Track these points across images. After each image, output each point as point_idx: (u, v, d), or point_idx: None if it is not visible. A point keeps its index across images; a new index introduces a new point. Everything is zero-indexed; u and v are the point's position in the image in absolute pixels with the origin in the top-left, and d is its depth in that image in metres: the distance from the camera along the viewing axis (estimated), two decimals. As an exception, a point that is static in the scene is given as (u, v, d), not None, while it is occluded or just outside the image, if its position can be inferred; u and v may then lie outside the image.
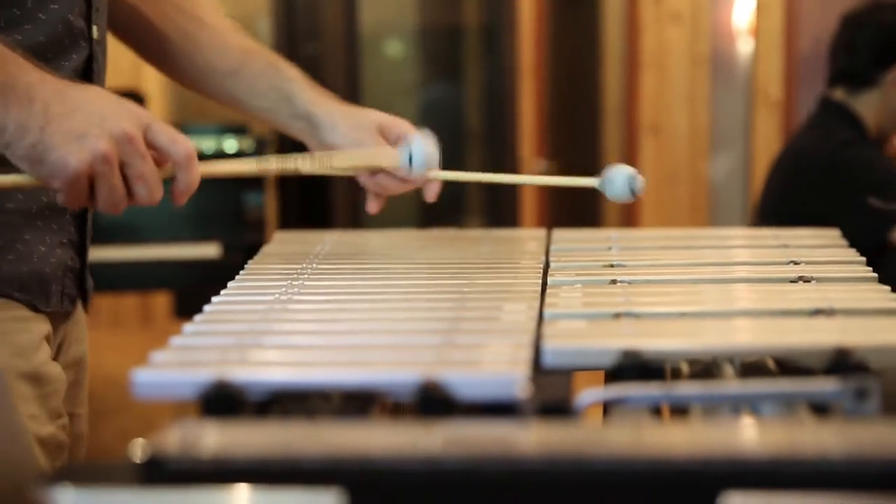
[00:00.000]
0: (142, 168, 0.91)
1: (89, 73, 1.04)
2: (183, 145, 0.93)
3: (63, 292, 1.05)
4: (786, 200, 2.39)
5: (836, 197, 2.28)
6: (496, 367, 0.72)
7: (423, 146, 1.09)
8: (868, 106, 2.39)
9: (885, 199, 2.17)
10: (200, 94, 1.21)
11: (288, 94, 1.16)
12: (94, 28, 1.04)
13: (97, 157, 0.88)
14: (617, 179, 1.04)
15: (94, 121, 0.88)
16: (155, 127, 0.92)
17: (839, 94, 2.42)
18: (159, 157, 0.93)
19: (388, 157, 1.10)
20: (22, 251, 1.00)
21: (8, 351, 0.97)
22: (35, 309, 1.01)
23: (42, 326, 1.02)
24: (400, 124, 1.14)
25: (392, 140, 1.13)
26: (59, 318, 1.06)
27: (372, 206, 1.17)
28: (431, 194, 1.13)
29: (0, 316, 0.98)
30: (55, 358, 1.05)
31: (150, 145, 0.92)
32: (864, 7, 2.48)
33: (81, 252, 1.09)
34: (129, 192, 0.91)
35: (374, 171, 1.13)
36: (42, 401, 1.00)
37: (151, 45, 1.18)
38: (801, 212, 2.32)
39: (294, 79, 1.17)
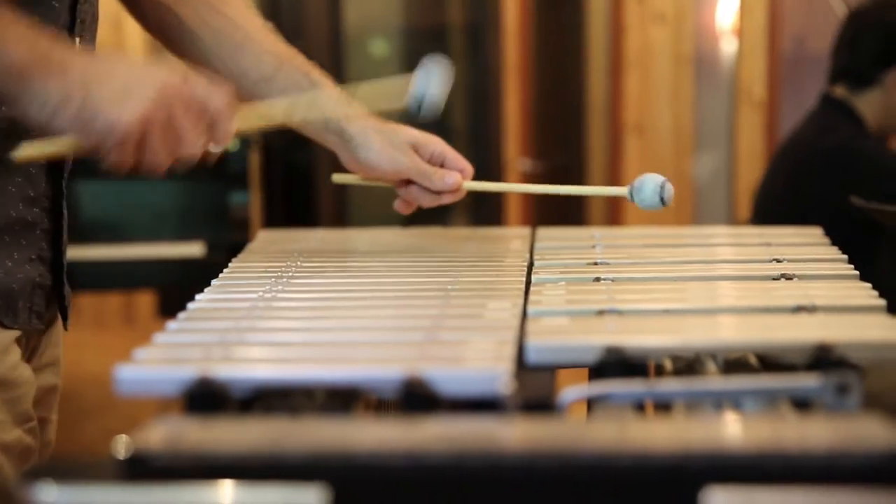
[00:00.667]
0: (184, 126, 0.90)
1: None
2: (220, 96, 0.92)
3: (31, 309, 1.02)
4: (788, 191, 2.38)
5: (837, 185, 2.27)
6: (480, 363, 0.72)
7: (431, 82, 1.07)
8: (869, 105, 2.39)
9: (887, 189, 2.17)
10: None
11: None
12: (77, 40, 1.02)
13: (147, 110, 0.87)
14: (646, 188, 1.03)
15: (135, 79, 0.88)
16: (192, 81, 0.91)
17: (840, 91, 2.42)
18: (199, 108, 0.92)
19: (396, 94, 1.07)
20: None
21: None
22: (2, 324, 0.98)
23: (11, 333, 0.99)
24: (434, 141, 1.13)
25: (426, 157, 1.11)
26: (31, 334, 1.03)
27: (401, 207, 1.15)
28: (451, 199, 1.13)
29: None
30: (28, 361, 1.02)
31: (191, 98, 0.91)
32: (871, 4, 2.47)
33: (55, 268, 1.05)
34: (178, 144, 0.90)
35: (406, 182, 1.12)
36: (8, 405, 0.97)
37: (186, 46, 1.16)
38: (804, 200, 2.31)
39: (329, 90, 1.14)
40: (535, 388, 0.72)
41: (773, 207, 2.38)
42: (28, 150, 0.94)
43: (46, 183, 1.03)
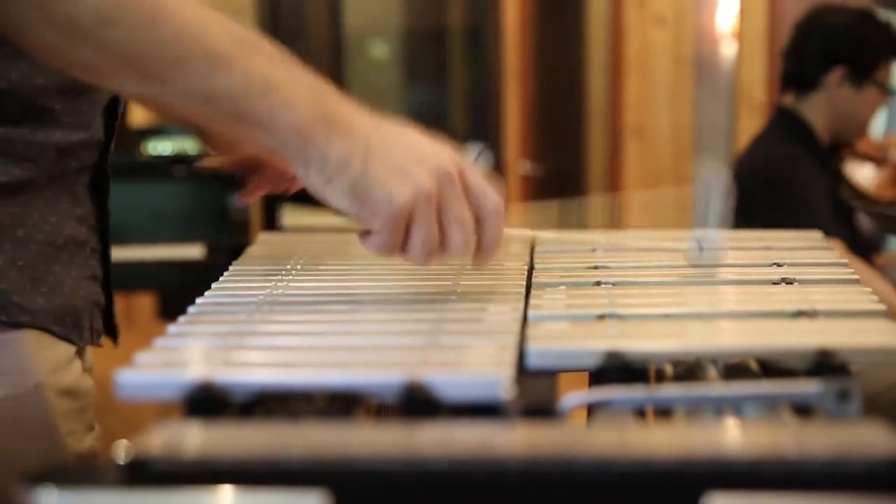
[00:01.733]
0: (460, 211, 0.86)
1: (115, 108, 1.02)
2: (494, 197, 0.88)
3: (92, 327, 1.02)
4: (741, 206, 2.41)
5: (769, 206, 2.30)
6: (480, 368, 0.72)
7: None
8: (816, 110, 2.40)
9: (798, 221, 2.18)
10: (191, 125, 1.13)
11: None
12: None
13: (420, 193, 0.83)
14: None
15: (415, 156, 0.85)
16: (470, 172, 0.88)
17: (788, 99, 2.44)
18: (470, 205, 0.88)
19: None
20: (53, 283, 0.96)
21: (43, 367, 0.94)
22: (70, 342, 0.98)
23: (71, 346, 0.99)
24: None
25: None
26: (86, 352, 1.04)
27: (249, 195, 1.13)
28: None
29: (35, 344, 0.94)
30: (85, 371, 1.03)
31: (466, 189, 0.87)
32: (813, 11, 2.50)
33: (106, 287, 1.06)
34: (445, 237, 0.87)
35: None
36: (79, 415, 0.98)
37: None
38: (748, 216, 2.33)
39: None
40: (535, 394, 0.72)
41: (738, 221, 2.41)
42: (295, 220, 0.92)
43: (91, 202, 1.03)
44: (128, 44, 0.80)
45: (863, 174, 2.61)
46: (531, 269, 1.04)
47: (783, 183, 2.34)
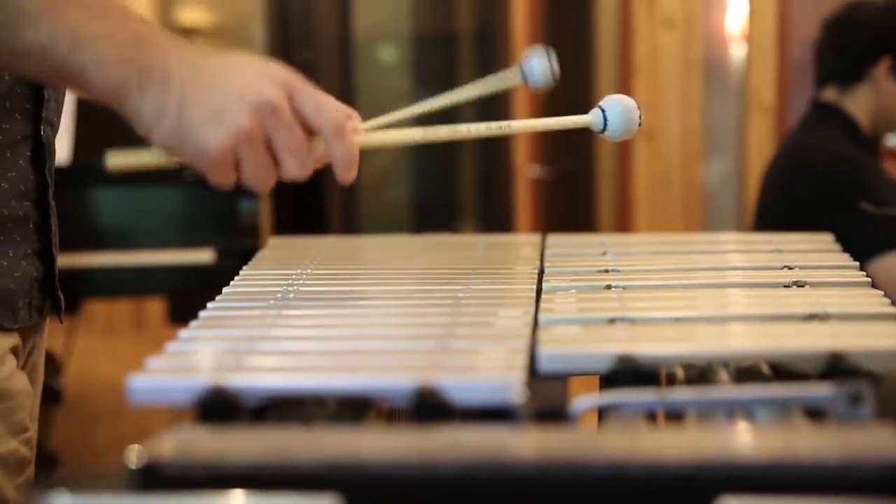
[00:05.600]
0: (288, 139, 0.85)
1: (39, 101, 1.02)
2: (329, 115, 0.86)
3: (31, 304, 1.01)
4: (786, 206, 2.40)
5: (833, 205, 2.29)
6: (492, 372, 0.72)
7: (619, 108, 0.99)
8: (860, 103, 2.41)
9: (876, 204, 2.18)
10: None
11: None
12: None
13: (239, 134, 0.83)
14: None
15: (233, 95, 0.83)
16: (301, 93, 0.86)
17: (830, 94, 2.44)
18: (309, 125, 0.86)
19: (579, 121, 1.02)
20: None
21: None
22: (1, 328, 0.97)
23: (8, 340, 0.98)
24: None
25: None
26: (29, 330, 1.03)
27: None
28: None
29: None
30: (22, 367, 1.02)
31: (297, 113, 0.85)
32: (845, 7, 2.51)
33: (48, 261, 1.05)
34: (278, 165, 0.86)
35: None
36: (2, 416, 0.97)
37: None
38: (801, 218, 2.32)
39: None
40: (547, 397, 0.72)
41: (770, 219, 2.40)
42: (118, 160, 0.91)
43: (34, 175, 1.02)
44: None
45: None
46: (541, 273, 1.04)
47: (854, 179, 2.33)
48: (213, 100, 0.84)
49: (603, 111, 0.99)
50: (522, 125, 1.02)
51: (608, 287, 0.97)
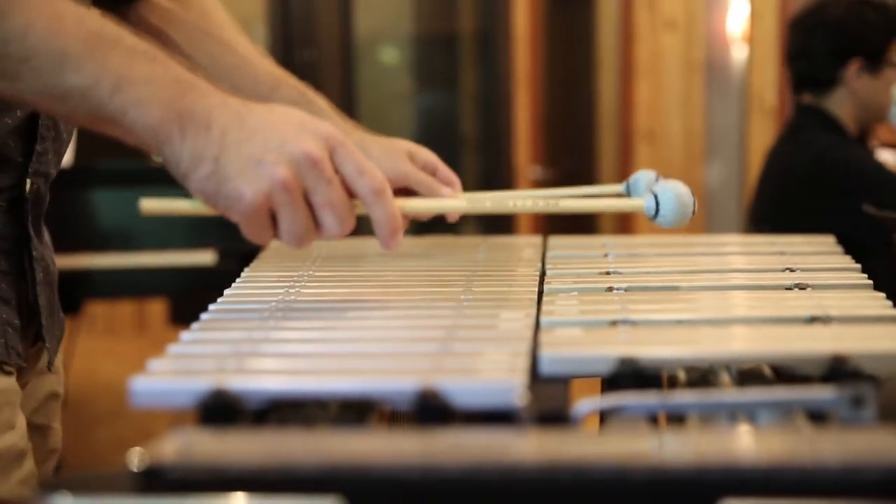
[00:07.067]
0: (328, 195, 0.83)
1: (34, 128, 1.02)
2: (369, 178, 0.85)
3: (7, 345, 1.00)
4: (777, 205, 2.40)
5: (826, 199, 2.28)
6: (494, 374, 0.72)
7: (672, 196, 0.98)
8: (839, 105, 2.40)
9: (877, 197, 2.17)
10: None
11: None
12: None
13: (275, 186, 0.81)
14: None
15: (272, 145, 0.82)
16: (342, 152, 0.84)
17: (808, 98, 2.44)
18: (348, 185, 0.85)
19: (630, 205, 1.02)
20: None
21: None
22: None
23: None
24: (425, 152, 1.12)
25: (420, 165, 1.10)
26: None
27: None
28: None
29: None
30: (24, 369, 1.02)
31: (337, 171, 0.84)
32: (810, 9, 2.49)
33: (24, 308, 1.04)
34: (316, 222, 0.84)
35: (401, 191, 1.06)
36: None
37: None
38: (791, 216, 2.33)
39: (324, 109, 1.13)
40: (549, 400, 0.71)
41: (764, 221, 2.40)
42: (152, 205, 0.90)
43: (7, 224, 1.02)
44: None
45: (884, 158, 2.63)
46: (543, 275, 1.04)
47: (861, 171, 2.32)
48: (252, 148, 0.82)
49: (656, 197, 0.98)
50: (569, 205, 1.02)
51: (610, 289, 0.97)
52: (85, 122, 0.88)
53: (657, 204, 0.98)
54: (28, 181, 1.02)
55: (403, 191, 1.09)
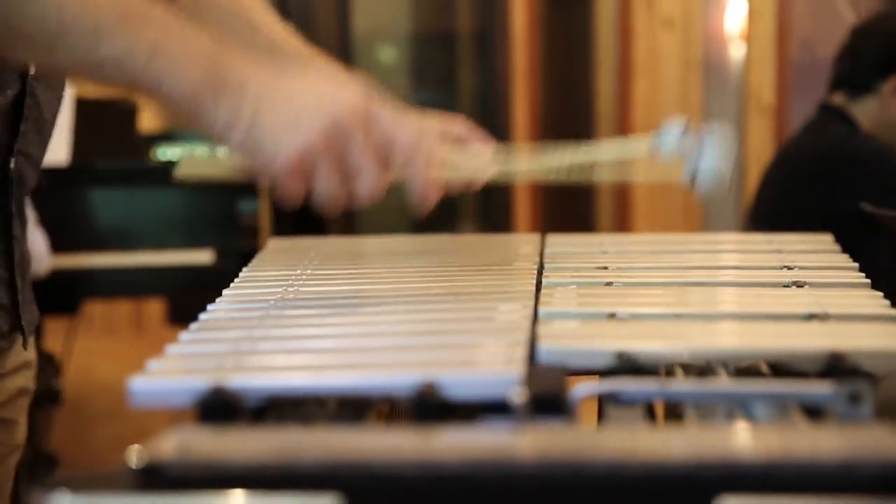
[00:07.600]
0: (360, 160, 0.85)
1: (20, 109, 1.02)
2: (402, 141, 0.86)
3: None
4: (783, 199, 2.40)
5: (838, 183, 2.28)
6: (491, 366, 0.72)
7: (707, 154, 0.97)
8: (865, 113, 2.41)
9: (889, 182, 2.18)
10: None
11: None
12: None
13: (312, 145, 0.83)
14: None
15: (306, 110, 0.84)
16: (376, 115, 0.86)
17: (838, 98, 2.44)
18: (381, 142, 0.85)
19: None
20: None
21: None
22: None
23: None
24: (457, 127, 1.10)
25: (451, 141, 1.08)
26: None
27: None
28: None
29: None
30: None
31: (371, 132, 0.85)
32: (874, 16, 2.51)
33: (11, 287, 1.04)
34: (350, 183, 0.85)
35: None
36: None
37: None
38: (803, 202, 2.32)
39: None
40: (546, 384, 0.71)
41: (768, 215, 2.40)
42: (189, 167, 0.91)
43: None
44: (10, 15, 0.83)
45: None
46: (541, 269, 1.04)
47: (878, 152, 2.34)
48: (289, 109, 0.84)
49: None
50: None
51: (608, 284, 0.97)
52: (121, 89, 0.90)
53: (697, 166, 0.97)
54: (12, 160, 1.03)
55: None
